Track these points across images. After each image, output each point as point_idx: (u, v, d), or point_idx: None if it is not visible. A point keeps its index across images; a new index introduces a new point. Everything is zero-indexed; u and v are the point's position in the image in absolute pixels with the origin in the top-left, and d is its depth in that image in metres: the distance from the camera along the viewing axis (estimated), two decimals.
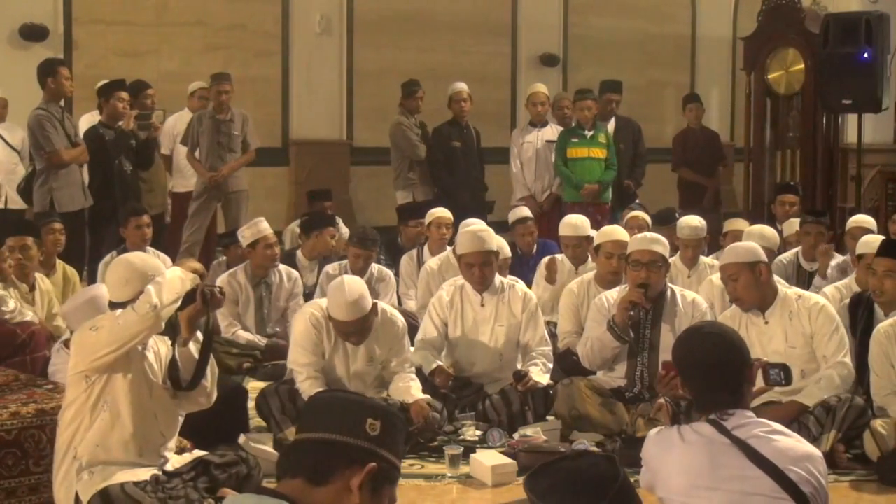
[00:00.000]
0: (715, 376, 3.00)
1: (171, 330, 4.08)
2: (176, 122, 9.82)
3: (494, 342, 5.87)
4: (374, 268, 7.47)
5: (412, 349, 5.89)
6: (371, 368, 5.43)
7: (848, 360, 5.24)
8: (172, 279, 3.98)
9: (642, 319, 5.52)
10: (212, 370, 4.19)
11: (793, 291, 5.44)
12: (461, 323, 5.89)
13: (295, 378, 5.33)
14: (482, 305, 5.88)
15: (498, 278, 5.97)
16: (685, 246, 7.30)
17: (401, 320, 5.56)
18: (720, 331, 3.14)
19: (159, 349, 4.19)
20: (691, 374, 3.08)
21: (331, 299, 5.22)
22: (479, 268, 5.80)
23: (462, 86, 9.76)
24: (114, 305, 4.12)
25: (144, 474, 4.03)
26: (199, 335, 4.12)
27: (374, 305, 5.28)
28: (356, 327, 5.21)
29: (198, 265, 4.20)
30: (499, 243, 6.07)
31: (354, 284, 5.21)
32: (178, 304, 3.97)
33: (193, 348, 4.08)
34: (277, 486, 2.17)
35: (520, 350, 5.90)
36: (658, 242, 5.61)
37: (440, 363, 5.76)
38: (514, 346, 5.90)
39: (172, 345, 4.13)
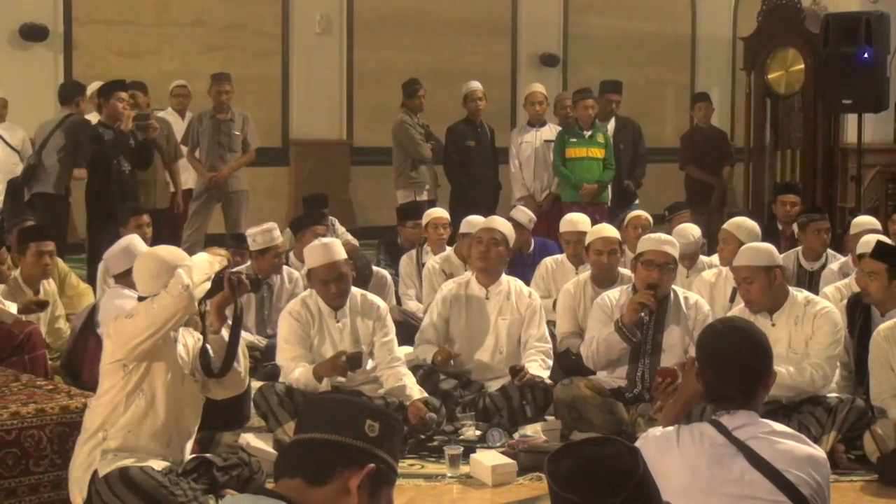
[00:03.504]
0: (730, 372, 2.98)
1: (200, 322, 4.19)
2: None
3: (496, 336, 5.91)
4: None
5: (412, 347, 5.96)
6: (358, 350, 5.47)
7: (828, 366, 5.17)
8: (201, 261, 4.13)
9: (647, 321, 5.53)
10: (243, 354, 4.30)
11: (802, 296, 5.38)
12: (465, 315, 5.94)
13: (286, 375, 5.36)
14: (487, 299, 5.94)
15: (504, 277, 6.02)
16: (680, 256, 7.29)
17: (382, 302, 5.73)
18: (749, 329, 3.10)
19: (187, 341, 4.27)
20: (709, 365, 3.05)
21: (307, 255, 5.54)
22: (486, 245, 5.92)
23: (477, 84, 9.77)
24: (143, 300, 4.15)
25: (161, 466, 4.08)
26: (229, 322, 4.22)
27: (348, 259, 5.58)
28: (334, 273, 5.38)
29: (224, 251, 4.37)
30: (509, 231, 6.14)
31: (327, 237, 5.63)
32: (209, 284, 4.08)
33: (225, 333, 4.20)
34: (276, 485, 2.18)
35: (520, 346, 5.91)
36: (671, 244, 5.62)
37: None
38: (515, 343, 5.93)
39: (203, 335, 4.20)
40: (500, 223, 6.13)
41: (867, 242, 6.08)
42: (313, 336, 5.46)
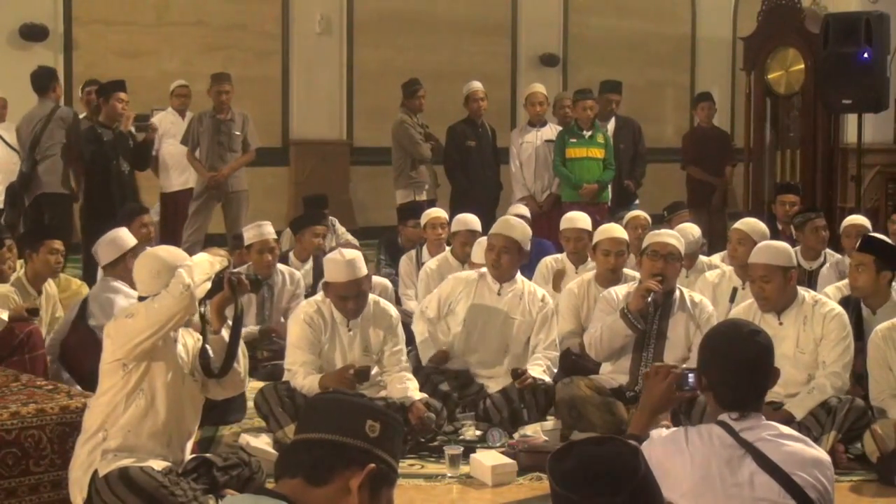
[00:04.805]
0: (746, 375, 2.97)
1: (200, 322, 4.19)
2: (160, 122, 9.77)
3: (503, 332, 5.91)
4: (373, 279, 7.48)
5: (411, 348, 5.95)
6: (367, 359, 5.46)
7: (846, 373, 5.21)
8: (201, 261, 4.13)
9: (651, 314, 5.53)
10: (243, 354, 4.30)
11: (810, 296, 5.38)
12: (473, 303, 5.95)
13: (292, 379, 5.35)
14: (499, 295, 5.95)
15: (519, 277, 6.03)
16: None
17: (394, 311, 5.66)
18: (758, 331, 3.08)
19: (186, 341, 4.27)
20: (722, 367, 3.00)
21: (328, 267, 5.38)
22: (498, 252, 5.90)
23: (478, 84, 9.77)
24: (143, 300, 4.15)
25: (161, 466, 4.09)
26: (229, 322, 4.23)
27: (368, 274, 5.48)
28: (354, 290, 5.30)
29: (224, 251, 4.34)
30: (523, 235, 6.11)
31: (350, 250, 5.46)
32: (210, 284, 4.09)
33: (225, 334, 4.21)
34: (276, 485, 2.17)
35: (528, 350, 5.92)
36: (676, 238, 5.65)
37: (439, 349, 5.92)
38: (522, 344, 5.92)
39: (203, 335, 4.21)
40: (513, 228, 6.01)
41: None
42: (324, 343, 5.42)
